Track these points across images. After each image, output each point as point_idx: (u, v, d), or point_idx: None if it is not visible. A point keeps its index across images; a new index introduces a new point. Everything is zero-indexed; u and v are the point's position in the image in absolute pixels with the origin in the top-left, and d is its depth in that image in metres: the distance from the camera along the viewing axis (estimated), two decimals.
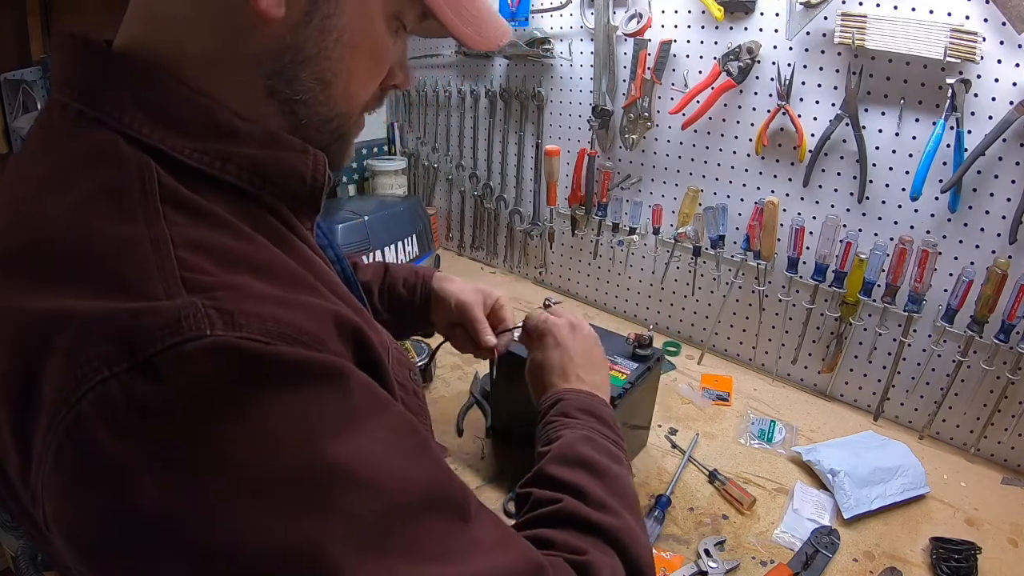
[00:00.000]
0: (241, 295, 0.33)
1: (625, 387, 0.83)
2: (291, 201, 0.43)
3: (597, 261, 1.46)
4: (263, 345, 0.31)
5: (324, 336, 0.35)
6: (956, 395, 1.01)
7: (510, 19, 1.40)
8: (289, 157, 0.42)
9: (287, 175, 0.42)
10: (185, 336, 0.30)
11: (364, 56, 0.43)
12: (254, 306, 0.33)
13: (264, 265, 0.37)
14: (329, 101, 0.43)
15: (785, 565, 0.78)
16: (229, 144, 0.39)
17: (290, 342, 0.33)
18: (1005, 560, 0.80)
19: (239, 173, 0.39)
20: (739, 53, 1.06)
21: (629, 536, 0.48)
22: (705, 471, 0.94)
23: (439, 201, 1.84)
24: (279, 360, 0.32)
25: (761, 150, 1.10)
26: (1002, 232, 0.91)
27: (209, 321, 0.30)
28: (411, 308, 0.79)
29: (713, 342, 1.30)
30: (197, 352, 0.30)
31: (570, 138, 1.42)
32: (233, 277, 0.34)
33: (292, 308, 0.35)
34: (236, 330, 0.31)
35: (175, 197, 0.36)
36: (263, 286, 0.35)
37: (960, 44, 0.86)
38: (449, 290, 0.78)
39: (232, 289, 0.33)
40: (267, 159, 0.41)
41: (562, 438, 0.58)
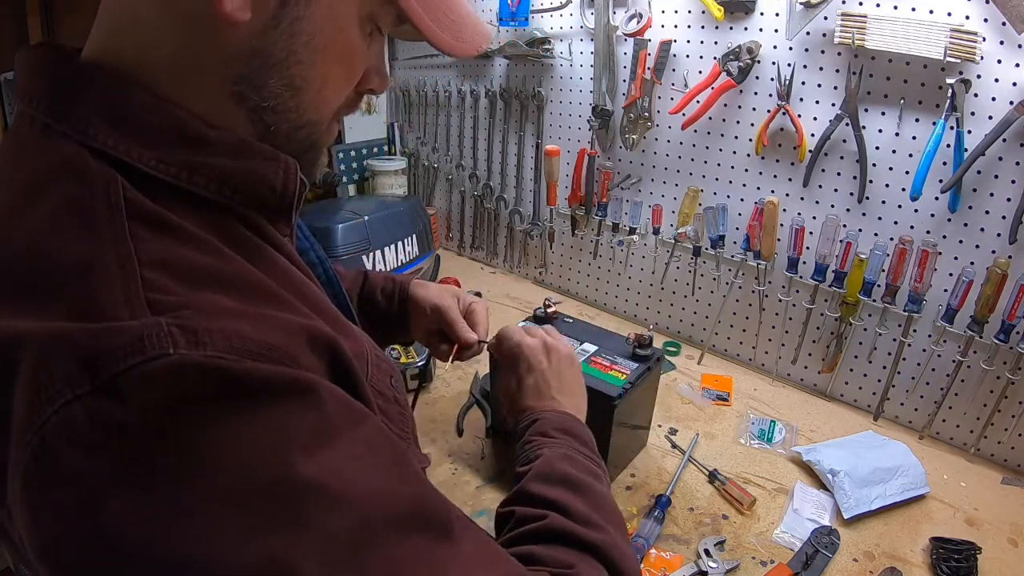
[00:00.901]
0: (206, 312, 0.32)
1: (625, 387, 0.83)
2: (262, 211, 0.42)
3: (597, 261, 1.46)
4: (228, 362, 0.31)
5: (294, 351, 0.35)
6: (956, 395, 1.01)
7: (510, 19, 1.40)
8: (259, 166, 0.41)
9: (256, 184, 0.41)
10: (147, 355, 0.29)
11: (336, 60, 0.42)
12: (219, 323, 0.32)
13: (232, 280, 0.36)
14: (299, 107, 0.42)
15: (785, 565, 0.78)
16: (197, 153, 0.38)
17: (256, 358, 0.32)
18: (1005, 560, 0.80)
19: (207, 184, 0.38)
20: (739, 53, 1.06)
21: (616, 551, 0.48)
22: (705, 471, 0.94)
23: (439, 201, 1.84)
24: (245, 377, 0.31)
25: (761, 150, 1.10)
26: (1002, 232, 0.91)
27: (172, 340, 0.30)
28: (388, 317, 0.78)
29: (713, 342, 1.30)
30: (160, 371, 0.29)
31: (570, 138, 1.42)
32: (200, 295, 0.34)
33: (259, 324, 0.34)
34: (200, 348, 0.30)
35: (141, 211, 0.35)
36: (231, 302, 0.35)
37: (960, 44, 0.86)
38: (424, 296, 0.77)
39: (197, 308, 0.32)
40: (236, 169, 0.39)
41: (541, 457, 0.57)
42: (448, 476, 0.94)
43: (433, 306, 0.76)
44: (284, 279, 0.42)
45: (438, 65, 1.67)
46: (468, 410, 1.08)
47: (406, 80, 1.78)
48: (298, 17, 0.38)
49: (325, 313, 0.43)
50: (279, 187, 0.42)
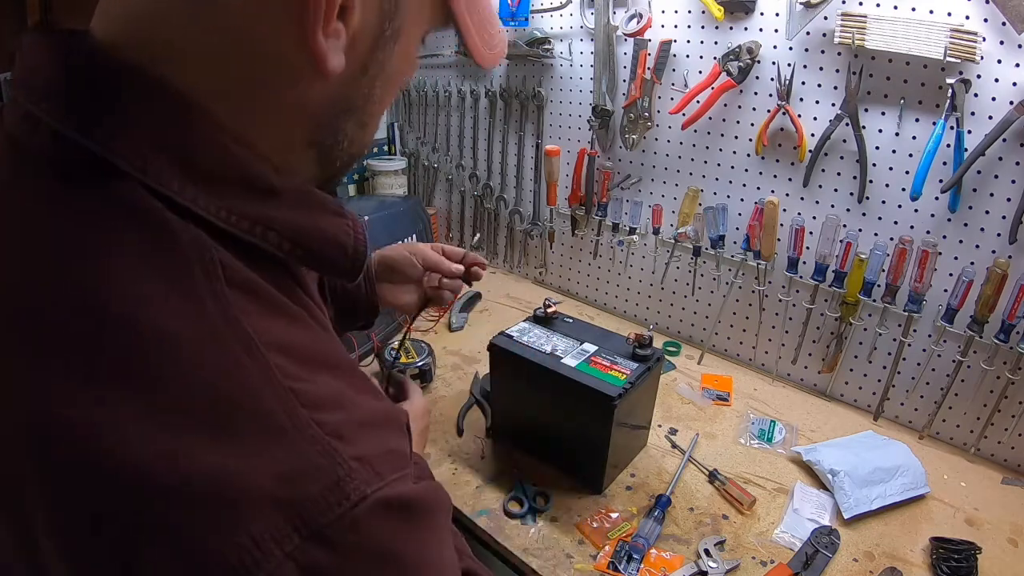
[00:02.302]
0: (352, 420, 0.33)
1: (625, 387, 0.83)
2: (330, 272, 0.39)
3: (597, 261, 1.46)
4: (399, 486, 0.33)
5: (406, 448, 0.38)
6: (956, 395, 1.01)
7: (510, 19, 1.40)
8: (329, 224, 0.38)
9: (329, 245, 0.38)
10: (352, 500, 0.30)
11: (397, 87, 0.41)
12: (371, 442, 0.33)
13: (333, 361, 0.35)
14: (365, 138, 0.41)
15: (785, 565, 0.78)
16: (265, 205, 0.34)
17: (405, 467, 0.34)
18: (1005, 560, 0.80)
19: (279, 243, 0.35)
20: (739, 53, 1.06)
21: None
22: (705, 471, 0.94)
23: (439, 201, 1.84)
24: (411, 501, 0.33)
25: (761, 150, 1.10)
26: (1002, 232, 0.91)
27: (363, 478, 0.31)
28: (357, 295, 0.78)
29: (713, 342, 1.30)
30: (365, 515, 0.30)
31: (570, 138, 1.42)
32: (322, 381, 0.33)
33: (387, 428, 0.36)
34: (380, 479, 0.31)
35: (236, 278, 0.31)
36: (346, 389, 0.34)
37: (960, 44, 0.86)
38: (395, 253, 0.80)
39: (336, 407, 0.32)
40: (309, 227, 0.36)
41: None
42: (448, 476, 0.94)
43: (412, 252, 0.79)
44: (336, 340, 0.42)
45: (438, 65, 1.67)
46: (468, 410, 1.08)
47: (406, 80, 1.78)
48: (383, 61, 0.36)
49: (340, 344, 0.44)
50: (351, 249, 0.39)
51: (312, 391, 0.31)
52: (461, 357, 1.26)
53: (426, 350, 1.16)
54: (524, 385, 0.93)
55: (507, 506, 0.87)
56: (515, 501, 0.88)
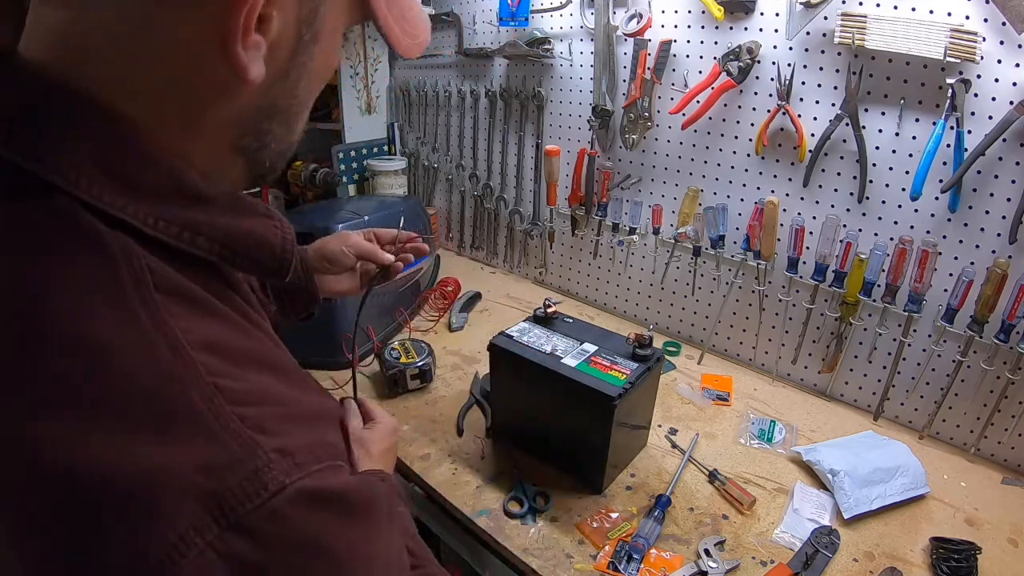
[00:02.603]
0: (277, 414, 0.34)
1: (625, 387, 0.83)
2: (259, 272, 0.41)
3: (597, 261, 1.46)
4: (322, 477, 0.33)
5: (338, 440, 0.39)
6: (956, 395, 1.01)
7: (510, 19, 1.40)
8: (257, 226, 0.40)
9: (258, 247, 0.40)
10: (270, 490, 0.30)
11: (322, 83, 0.42)
12: (296, 434, 0.34)
13: (264, 360, 0.37)
14: (291, 137, 0.42)
15: (785, 565, 0.78)
16: (194, 211, 0.36)
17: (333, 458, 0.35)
18: (1005, 560, 0.80)
19: (209, 246, 0.36)
20: (739, 53, 1.06)
21: None
22: (705, 471, 0.94)
23: (439, 201, 1.84)
24: (338, 492, 0.34)
25: (761, 150, 1.10)
26: (1002, 232, 0.91)
27: (282, 469, 0.31)
28: (296, 287, 0.80)
29: (713, 342, 1.30)
30: (284, 505, 0.31)
31: (570, 138, 1.42)
32: (249, 378, 0.34)
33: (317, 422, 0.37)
34: (301, 470, 0.32)
35: (164, 283, 0.33)
36: (276, 386, 0.36)
37: (960, 44, 0.86)
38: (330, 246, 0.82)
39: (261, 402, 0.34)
40: (237, 231, 0.38)
41: None
42: (448, 476, 0.94)
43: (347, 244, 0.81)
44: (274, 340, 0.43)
45: (438, 65, 1.67)
46: (468, 410, 1.08)
47: (406, 80, 1.78)
48: (305, 63, 0.37)
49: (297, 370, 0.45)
50: (279, 249, 0.41)
51: (236, 387, 0.33)
52: (461, 357, 1.26)
53: (426, 350, 1.16)
54: (524, 385, 0.93)
55: (507, 506, 0.87)
56: (515, 501, 0.88)
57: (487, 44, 1.51)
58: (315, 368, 1.18)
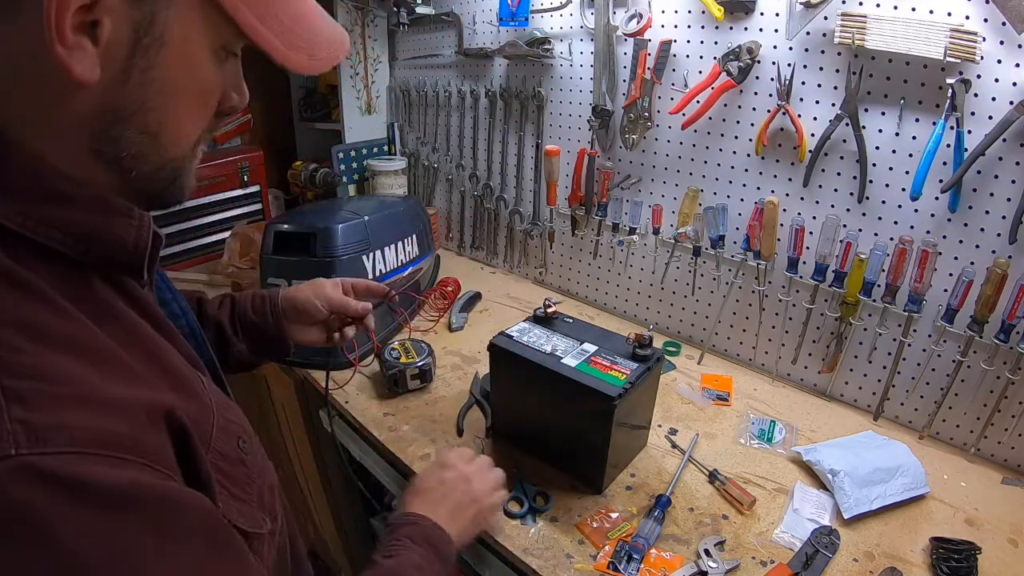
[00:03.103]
0: (50, 392, 0.33)
1: (625, 387, 0.83)
2: (115, 267, 0.43)
3: (597, 261, 1.46)
4: (68, 460, 0.31)
5: (137, 435, 0.35)
6: (956, 395, 1.01)
7: (510, 19, 1.40)
8: (114, 222, 0.42)
9: (110, 241, 0.41)
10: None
11: (191, 98, 0.42)
12: (60, 414, 0.32)
13: (77, 344, 0.37)
14: (159, 150, 0.42)
15: (785, 565, 0.78)
16: (52, 208, 0.38)
17: (99, 448, 0.33)
18: (1005, 560, 0.80)
19: (62, 239, 0.39)
20: (739, 53, 1.06)
21: None
22: (705, 471, 0.94)
23: (439, 201, 1.84)
24: (84, 481, 0.32)
25: (761, 150, 1.10)
26: (1002, 232, 0.91)
27: (14, 439, 0.30)
28: (264, 329, 0.80)
29: (713, 342, 1.30)
30: (2, 474, 0.29)
31: (570, 138, 1.42)
32: (43, 356, 0.34)
33: (103, 409, 0.34)
34: (40, 446, 0.30)
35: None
36: (73, 368, 0.35)
37: (960, 44, 0.86)
38: (301, 296, 0.82)
39: (40, 378, 0.33)
40: (90, 224, 0.40)
41: (397, 557, 0.61)
42: None
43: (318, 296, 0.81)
44: (133, 340, 0.42)
45: (438, 65, 1.67)
46: (468, 410, 1.08)
47: (406, 80, 1.78)
48: (148, 67, 0.38)
49: (175, 375, 0.44)
50: (131, 244, 0.43)
51: (20, 361, 0.33)
52: (461, 357, 1.26)
53: (426, 350, 1.16)
54: (524, 385, 0.93)
55: (507, 506, 0.87)
56: (515, 501, 0.88)
57: (487, 44, 1.51)
58: (317, 368, 1.18)
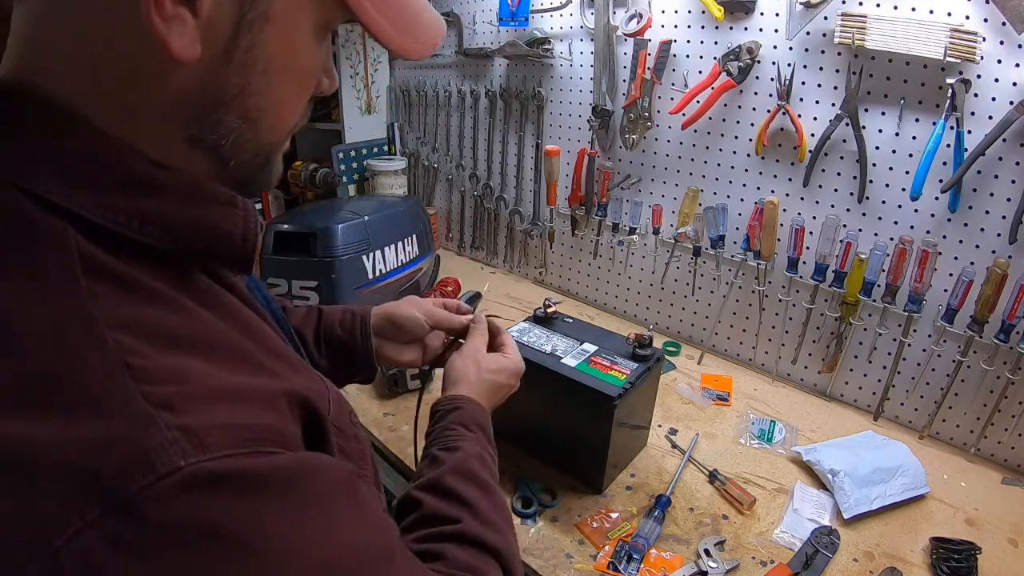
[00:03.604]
0: (193, 393, 0.31)
1: (625, 387, 0.83)
2: (219, 261, 0.40)
3: (597, 261, 1.46)
4: (232, 461, 0.31)
5: (281, 425, 0.35)
6: (956, 395, 1.01)
7: (510, 19, 1.40)
8: (216, 214, 0.38)
9: (215, 235, 0.38)
10: (158, 473, 0.28)
11: (292, 80, 0.39)
12: (211, 414, 0.31)
13: (203, 341, 0.35)
14: (257, 136, 0.39)
15: (785, 565, 0.78)
16: (147, 200, 0.35)
17: (257, 444, 0.32)
18: (1005, 560, 0.80)
19: (160, 236, 0.35)
20: (739, 53, 1.06)
21: (513, 554, 0.52)
22: (705, 471, 0.94)
23: (439, 201, 1.84)
24: (254, 476, 0.31)
25: (761, 150, 1.10)
26: (1002, 232, 0.91)
27: (179, 449, 0.29)
28: (351, 349, 0.75)
29: (713, 342, 1.30)
30: (173, 488, 0.28)
31: (570, 138, 1.42)
32: (173, 359, 0.32)
33: (247, 403, 0.34)
34: (204, 453, 0.30)
35: (96, 267, 0.32)
36: (204, 366, 0.33)
37: (960, 44, 0.86)
38: (401, 312, 0.76)
39: (179, 381, 0.31)
40: (191, 218, 0.37)
41: (461, 451, 0.60)
42: None
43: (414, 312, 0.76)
44: (245, 327, 0.40)
45: (438, 65, 1.67)
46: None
47: (406, 80, 1.78)
48: (252, 45, 0.35)
49: (287, 358, 0.43)
50: (239, 236, 0.39)
51: (151, 366, 0.31)
52: None
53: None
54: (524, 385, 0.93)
55: (515, 504, 0.87)
56: (522, 500, 0.88)
57: (487, 44, 1.51)
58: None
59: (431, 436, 0.63)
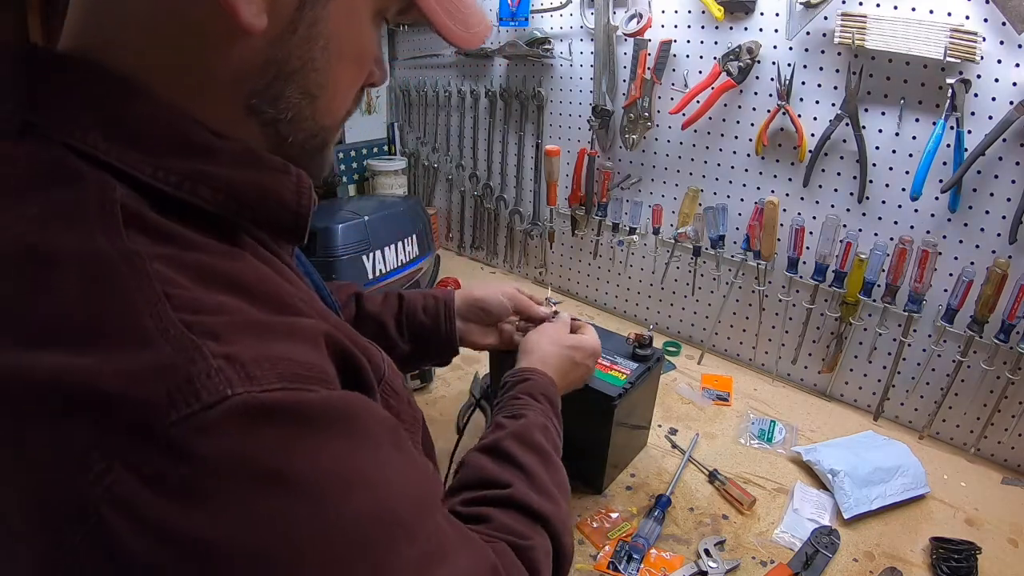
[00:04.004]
0: (238, 326, 0.30)
1: (625, 387, 0.83)
2: (272, 229, 0.39)
3: (597, 261, 1.46)
4: (283, 394, 0.29)
5: (325, 365, 0.34)
6: (956, 395, 1.01)
7: (510, 19, 1.40)
8: (270, 179, 0.38)
9: (269, 201, 0.37)
10: (203, 402, 0.26)
11: (351, 61, 0.40)
12: (258, 346, 0.30)
13: (247, 284, 0.34)
14: (315, 115, 0.39)
15: (785, 565, 0.78)
16: (198, 162, 0.34)
17: (304, 382, 0.31)
18: (1005, 560, 0.80)
19: (213, 197, 0.35)
20: (739, 53, 1.06)
21: (564, 524, 0.52)
22: (705, 471, 0.94)
23: (439, 201, 1.84)
24: (307, 411, 0.30)
25: (761, 150, 1.10)
26: (1002, 232, 0.91)
27: (225, 378, 0.27)
28: (435, 332, 0.76)
29: (713, 342, 1.30)
30: (220, 418, 0.27)
31: (570, 138, 1.42)
32: (216, 295, 0.31)
33: (293, 340, 0.32)
34: (253, 383, 0.28)
35: (139, 221, 0.31)
36: (250, 306, 0.32)
37: (960, 44, 0.86)
38: (487, 294, 0.80)
39: (223, 313, 0.30)
40: (245, 181, 0.36)
41: (525, 419, 0.60)
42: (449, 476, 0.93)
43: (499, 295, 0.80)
44: (295, 288, 0.40)
45: (438, 65, 1.67)
46: (468, 410, 1.08)
47: (406, 80, 1.78)
48: (315, 21, 0.35)
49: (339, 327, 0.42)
50: (293, 204, 0.39)
51: (193, 297, 0.30)
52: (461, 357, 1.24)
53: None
54: None
55: None
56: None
57: (487, 44, 1.51)
58: None
59: (498, 406, 0.64)
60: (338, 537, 0.29)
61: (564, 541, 0.51)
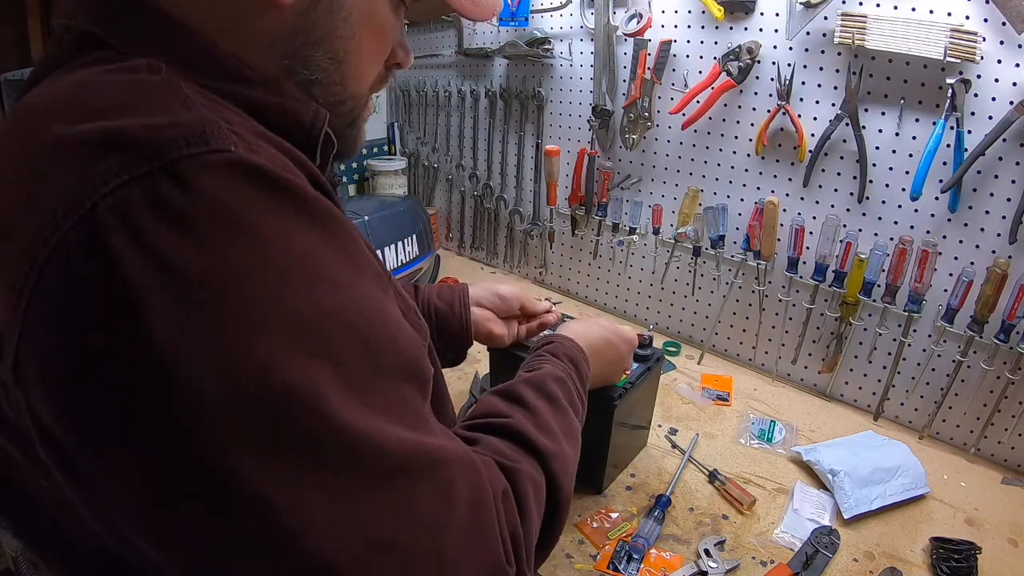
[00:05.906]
0: (257, 142, 0.34)
1: (625, 387, 0.83)
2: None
3: (597, 261, 1.46)
4: (283, 173, 0.32)
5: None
6: (956, 395, 1.01)
7: (510, 19, 1.40)
8: (291, 103, 0.41)
9: (286, 117, 0.41)
10: (211, 146, 0.30)
11: (372, 33, 0.44)
12: (269, 154, 0.34)
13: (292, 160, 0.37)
14: (344, 80, 0.44)
15: (785, 565, 0.78)
16: (238, 87, 0.39)
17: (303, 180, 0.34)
18: (1005, 560, 0.80)
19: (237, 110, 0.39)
20: (739, 53, 1.06)
21: (563, 466, 0.50)
22: (705, 471, 0.94)
23: (439, 201, 1.84)
24: (297, 190, 0.33)
25: (761, 150, 1.10)
26: (1002, 232, 0.91)
27: (233, 140, 0.31)
28: (449, 318, 0.77)
29: (713, 342, 1.30)
30: (223, 163, 0.30)
31: (570, 138, 1.42)
32: (252, 137, 0.34)
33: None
34: (256, 155, 0.32)
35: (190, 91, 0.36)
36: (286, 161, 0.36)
37: (960, 44, 0.86)
38: (504, 288, 0.84)
39: (254, 139, 0.34)
40: (266, 101, 0.40)
41: (541, 370, 0.60)
42: None
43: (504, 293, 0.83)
44: None
45: (438, 65, 1.67)
46: (468, 410, 1.08)
47: (406, 80, 1.78)
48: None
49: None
50: (307, 122, 0.42)
51: (226, 117, 0.33)
52: None
53: None
54: None
55: None
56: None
57: (487, 44, 1.51)
58: None
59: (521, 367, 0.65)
60: (295, 320, 0.31)
61: (562, 482, 0.49)
